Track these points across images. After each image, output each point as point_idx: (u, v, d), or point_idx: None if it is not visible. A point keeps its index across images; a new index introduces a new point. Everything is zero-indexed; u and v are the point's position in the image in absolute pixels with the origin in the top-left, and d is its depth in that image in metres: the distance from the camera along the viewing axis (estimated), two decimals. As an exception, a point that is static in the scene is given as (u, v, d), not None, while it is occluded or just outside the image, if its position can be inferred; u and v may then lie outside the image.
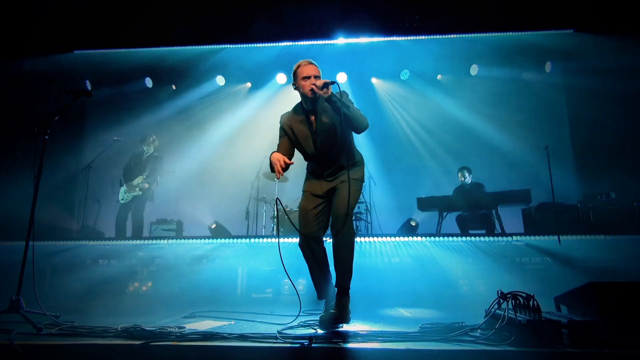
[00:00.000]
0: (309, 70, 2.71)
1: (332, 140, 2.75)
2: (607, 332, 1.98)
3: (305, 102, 2.79)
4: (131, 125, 7.28)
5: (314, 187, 2.85)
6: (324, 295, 2.84)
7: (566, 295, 2.45)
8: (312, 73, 2.70)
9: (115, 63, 7.23)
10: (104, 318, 3.04)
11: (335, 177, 2.82)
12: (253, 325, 2.77)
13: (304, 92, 2.72)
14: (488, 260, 4.64)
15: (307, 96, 2.71)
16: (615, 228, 4.58)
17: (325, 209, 2.82)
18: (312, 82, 2.67)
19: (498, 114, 7.23)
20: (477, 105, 7.37)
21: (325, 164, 2.82)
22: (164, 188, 6.57)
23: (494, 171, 6.85)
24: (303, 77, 2.71)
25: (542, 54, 6.87)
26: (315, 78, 2.69)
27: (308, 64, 2.76)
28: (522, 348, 1.94)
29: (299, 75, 2.74)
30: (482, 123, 7.19)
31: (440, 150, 7.41)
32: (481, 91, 7.38)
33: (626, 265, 4.26)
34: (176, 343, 2.06)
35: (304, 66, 2.75)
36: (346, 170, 2.71)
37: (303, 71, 2.73)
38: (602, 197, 5.07)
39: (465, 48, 6.86)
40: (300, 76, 2.74)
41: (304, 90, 2.71)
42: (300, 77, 2.73)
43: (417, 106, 7.66)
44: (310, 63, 2.76)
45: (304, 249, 2.81)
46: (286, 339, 2.12)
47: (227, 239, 4.94)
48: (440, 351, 1.95)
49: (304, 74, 2.71)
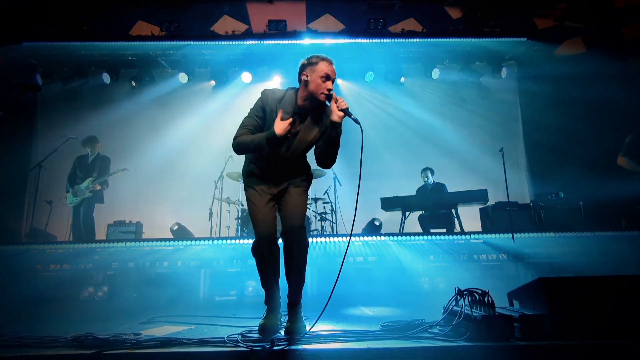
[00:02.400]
0: (332, 72, 2.44)
1: (303, 150, 2.54)
2: (555, 325, 2.09)
3: (306, 98, 2.46)
4: (86, 122, 6.93)
5: (262, 184, 2.56)
6: (273, 301, 2.58)
7: (518, 290, 2.57)
8: (333, 76, 2.45)
9: (70, 57, 6.86)
10: (54, 327, 2.87)
11: (288, 182, 2.57)
12: (214, 329, 2.71)
13: (315, 90, 2.42)
14: (448, 258, 4.82)
15: (314, 95, 2.42)
16: (563, 226, 4.87)
17: (275, 210, 2.58)
18: (329, 86, 2.41)
19: (457, 117, 7.55)
20: (438, 108, 7.63)
21: (284, 167, 2.55)
22: (122, 188, 6.31)
23: (454, 172, 7.09)
24: (323, 75, 2.41)
25: (498, 60, 7.21)
26: (332, 83, 2.45)
27: (331, 64, 2.47)
28: (478, 343, 2.02)
29: (318, 71, 2.42)
30: (442, 125, 7.44)
31: (403, 151, 7.58)
32: (442, 94, 7.64)
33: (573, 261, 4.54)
34: (131, 351, 1.98)
35: (328, 64, 2.45)
36: (299, 177, 2.58)
37: (325, 69, 2.42)
38: (552, 196, 5.38)
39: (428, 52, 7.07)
40: (319, 72, 2.41)
41: (317, 88, 2.41)
42: (320, 74, 2.41)
43: (380, 108, 7.80)
44: (333, 64, 2.48)
45: (262, 251, 2.51)
46: (247, 343, 2.09)
47: (189, 241, 4.81)
48: (400, 349, 1.99)
49: (325, 72, 2.42)
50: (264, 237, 2.50)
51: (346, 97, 7.92)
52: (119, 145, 7.01)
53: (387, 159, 7.50)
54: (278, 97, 2.49)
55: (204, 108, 7.64)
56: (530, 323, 2.09)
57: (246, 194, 2.62)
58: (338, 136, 2.41)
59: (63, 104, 7.38)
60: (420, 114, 7.59)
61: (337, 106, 2.35)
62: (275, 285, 2.61)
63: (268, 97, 2.50)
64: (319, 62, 2.44)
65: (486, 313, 2.15)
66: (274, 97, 2.49)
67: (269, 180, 2.57)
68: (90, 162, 5.88)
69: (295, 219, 2.48)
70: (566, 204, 5.28)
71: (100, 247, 4.77)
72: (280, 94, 2.50)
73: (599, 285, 2.29)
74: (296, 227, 2.46)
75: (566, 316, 2.11)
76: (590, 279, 2.36)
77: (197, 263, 4.72)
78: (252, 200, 2.56)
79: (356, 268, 4.65)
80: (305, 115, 2.50)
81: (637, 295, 2.20)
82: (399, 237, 4.74)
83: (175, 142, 7.41)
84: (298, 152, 2.53)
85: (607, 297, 2.20)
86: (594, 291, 2.24)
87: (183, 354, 1.96)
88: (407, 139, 7.63)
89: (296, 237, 2.46)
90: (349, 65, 7.37)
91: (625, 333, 2.06)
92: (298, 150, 2.52)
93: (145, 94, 7.54)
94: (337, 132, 2.40)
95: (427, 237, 4.83)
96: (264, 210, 2.52)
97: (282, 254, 2.56)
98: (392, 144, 7.60)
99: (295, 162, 2.58)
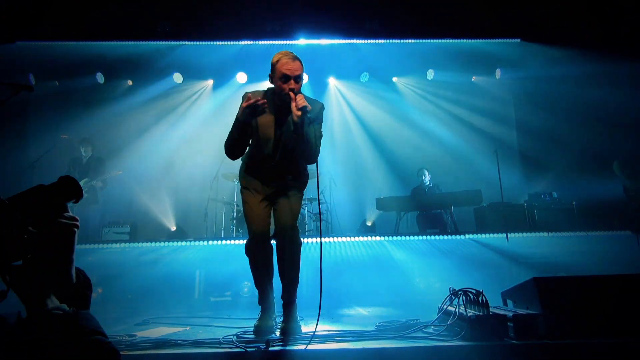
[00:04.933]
0: (290, 69, 2.34)
1: (292, 148, 2.51)
2: (548, 324, 2.11)
3: (277, 99, 2.45)
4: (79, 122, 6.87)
5: (256, 183, 2.55)
6: (267, 302, 2.56)
7: (512, 290, 2.59)
8: (292, 74, 2.34)
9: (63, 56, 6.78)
10: (48, 328, 2.85)
11: (283, 181, 2.56)
12: (209, 330, 2.70)
13: (278, 92, 2.41)
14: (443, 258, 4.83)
15: (280, 97, 2.41)
16: (557, 225, 4.91)
17: (269, 209, 2.56)
18: (291, 85, 2.33)
19: (452, 117, 7.58)
20: (432, 108, 7.66)
21: (278, 167, 2.53)
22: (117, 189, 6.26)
23: (448, 172, 7.13)
24: (280, 76, 2.35)
25: (493, 61, 7.25)
26: (295, 80, 2.35)
27: (291, 59, 2.36)
28: (472, 342, 2.04)
29: (277, 72, 2.37)
30: (437, 126, 7.48)
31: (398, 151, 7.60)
32: (436, 95, 7.67)
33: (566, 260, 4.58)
34: (126, 353, 1.97)
35: (285, 62, 2.35)
36: (293, 177, 2.56)
37: (282, 69, 2.34)
38: (545, 196, 5.42)
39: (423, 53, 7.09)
40: (278, 73, 2.36)
41: (279, 90, 2.39)
42: (278, 75, 2.36)
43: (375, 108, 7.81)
44: (294, 59, 2.37)
45: (256, 251, 2.51)
46: (243, 343, 2.08)
47: (184, 242, 4.80)
48: (395, 348, 2.00)
49: (282, 73, 2.34)
50: (257, 236, 2.50)
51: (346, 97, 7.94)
52: (113, 145, 6.96)
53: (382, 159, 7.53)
54: (258, 97, 2.43)
55: (198, 108, 7.61)
56: (523, 322, 2.11)
57: (241, 194, 2.63)
58: (301, 134, 2.35)
59: (56, 104, 7.31)
60: (415, 114, 7.63)
61: (296, 105, 2.29)
62: (269, 285, 2.59)
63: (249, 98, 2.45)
64: (278, 61, 2.39)
65: (480, 313, 2.17)
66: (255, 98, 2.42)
67: (263, 180, 2.56)
68: (84, 162, 5.86)
69: (287, 219, 2.47)
70: (559, 204, 5.32)
71: (94, 248, 4.73)
72: (260, 95, 2.47)
73: (592, 284, 2.31)
74: (288, 227, 2.46)
75: (559, 315, 2.13)
76: (584, 278, 2.38)
77: (192, 264, 4.70)
78: (247, 199, 2.56)
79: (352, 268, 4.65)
80: (286, 112, 2.45)
81: (630, 294, 2.22)
82: (395, 238, 4.76)
83: (169, 143, 7.38)
84: (287, 151, 2.51)
85: (600, 297, 2.22)
86: (587, 291, 2.26)
87: (178, 355, 1.96)
88: (402, 140, 7.65)
89: (288, 237, 2.45)
90: (344, 66, 7.38)
91: (618, 332, 2.08)
92: (286, 148, 2.50)
93: (139, 94, 7.49)
94: (299, 132, 2.34)
95: (422, 237, 4.85)
96: (258, 210, 2.51)
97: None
98: (387, 145, 7.62)
99: (288, 161, 2.55)
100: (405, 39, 6.66)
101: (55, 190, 0.83)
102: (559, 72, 6.48)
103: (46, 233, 0.75)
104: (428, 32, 6.60)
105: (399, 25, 6.57)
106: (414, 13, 6.40)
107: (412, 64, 7.37)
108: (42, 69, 7.05)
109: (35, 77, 7.05)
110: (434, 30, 6.58)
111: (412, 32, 6.61)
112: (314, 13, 6.39)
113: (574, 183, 5.91)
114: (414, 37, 6.64)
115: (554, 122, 6.61)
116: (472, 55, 7.07)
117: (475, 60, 7.19)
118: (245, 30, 6.54)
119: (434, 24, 6.49)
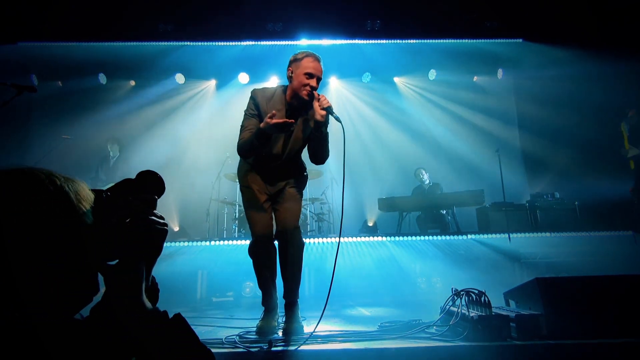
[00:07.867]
0: (315, 69, 2.35)
1: (299, 149, 2.53)
2: (551, 325, 2.11)
3: (292, 96, 2.42)
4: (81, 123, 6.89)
5: (259, 183, 2.52)
6: (270, 302, 2.54)
7: (514, 290, 2.59)
8: (317, 73, 2.35)
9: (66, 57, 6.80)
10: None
11: (284, 182, 2.54)
12: (212, 330, 2.70)
13: (297, 87, 2.36)
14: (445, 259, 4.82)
15: (297, 92, 2.37)
16: (559, 226, 4.90)
17: (271, 210, 2.54)
18: (312, 84, 2.34)
19: (454, 118, 7.56)
20: (434, 109, 7.65)
21: (280, 167, 2.51)
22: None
23: (450, 172, 7.12)
24: (306, 72, 2.33)
25: (494, 61, 7.24)
26: (317, 81, 2.36)
27: (316, 60, 2.37)
28: (475, 342, 2.03)
29: (302, 67, 2.35)
30: (439, 126, 7.47)
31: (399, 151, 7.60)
32: (438, 95, 7.66)
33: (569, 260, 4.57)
34: (129, 352, 1.97)
35: (312, 60, 2.36)
36: (294, 177, 2.56)
37: (308, 66, 2.34)
38: (547, 196, 5.41)
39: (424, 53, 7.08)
40: (303, 68, 2.34)
41: (299, 85, 2.35)
42: (303, 70, 2.34)
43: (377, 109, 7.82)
44: (318, 60, 2.38)
45: (259, 251, 2.49)
46: (245, 344, 2.09)
47: (186, 242, 4.80)
48: (397, 349, 1.99)
49: (308, 70, 2.33)
50: (260, 237, 2.48)
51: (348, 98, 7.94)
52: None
53: (383, 159, 7.52)
54: (268, 95, 2.45)
55: (201, 109, 7.63)
56: (526, 323, 2.10)
57: (242, 194, 2.60)
58: (323, 135, 2.35)
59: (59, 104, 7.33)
60: (417, 114, 7.62)
61: (320, 105, 2.28)
62: (272, 286, 2.58)
63: (258, 96, 2.45)
64: (304, 58, 2.37)
65: (483, 313, 2.16)
66: (264, 96, 2.45)
67: (265, 180, 2.54)
68: (112, 165, 5.75)
69: (289, 220, 2.46)
70: (562, 204, 5.31)
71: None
72: (269, 93, 2.46)
73: (594, 285, 2.30)
74: (290, 227, 2.45)
75: (562, 316, 2.12)
76: (586, 278, 2.38)
77: (194, 264, 4.70)
78: (249, 200, 2.52)
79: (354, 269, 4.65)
80: (297, 112, 2.44)
81: (632, 295, 2.22)
82: (397, 238, 4.76)
83: (171, 143, 7.40)
84: (294, 152, 2.51)
85: (604, 297, 2.21)
86: (590, 291, 2.25)
87: (181, 355, 1.95)
88: (404, 140, 7.64)
89: (290, 238, 2.44)
90: (346, 66, 7.39)
91: (621, 332, 2.07)
92: (294, 149, 2.50)
93: (141, 95, 7.51)
94: (322, 132, 2.34)
95: (424, 237, 4.84)
96: (261, 210, 2.49)
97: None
98: (389, 145, 7.62)
99: (291, 162, 2.55)
100: (407, 39, 6.66)
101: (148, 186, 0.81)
102: (561, 72, 6.47)
103: (142, 232, 0.74)
104: (430, 32, 6.60)
105: (401, 25, 6.57)
106: (416, 13, 6.41)
107: (414, 64, 7.37)
108: (44, 70, 7.08)
109: (38, 78, 7.08)
110: (436, 31, 6.58)
111: (414, 32, 6.62)
112: (315, 14, 6.39)
113: (577, 183, 5.90)
114: (416, 37, 6.65)
115: (556, 122, 6.59)
116: (474, 55, 7.06)
117: (477, 60, 7.19)
118: (247, 30, 6.55)
119: (435, 24, 6.49)
